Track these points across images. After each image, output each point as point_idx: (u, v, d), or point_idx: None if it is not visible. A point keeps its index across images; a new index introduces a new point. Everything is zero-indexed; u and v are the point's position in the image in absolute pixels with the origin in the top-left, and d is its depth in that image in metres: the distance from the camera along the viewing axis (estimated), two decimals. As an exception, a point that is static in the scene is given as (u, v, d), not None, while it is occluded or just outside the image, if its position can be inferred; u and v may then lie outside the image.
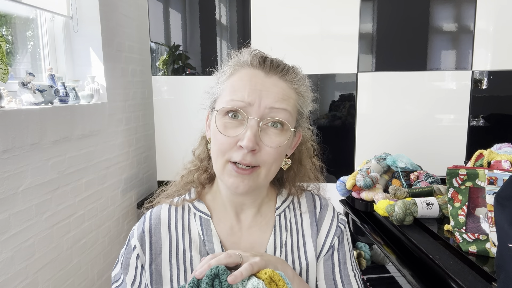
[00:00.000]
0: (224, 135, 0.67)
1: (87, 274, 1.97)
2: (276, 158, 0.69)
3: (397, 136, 2.22)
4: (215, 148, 0.69)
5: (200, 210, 0.77)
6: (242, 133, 0.65)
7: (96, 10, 2.07)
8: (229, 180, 0.68)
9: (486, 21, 2.08)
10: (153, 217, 0.77)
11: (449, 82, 2.15)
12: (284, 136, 0.69)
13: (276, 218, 0.78)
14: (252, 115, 0.66)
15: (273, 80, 0.68)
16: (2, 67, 1.30)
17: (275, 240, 0.76)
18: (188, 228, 0.76)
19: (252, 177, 0.68)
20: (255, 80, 0.68)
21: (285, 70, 0.70)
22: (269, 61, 0.70)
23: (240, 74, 0.70)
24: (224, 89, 0.70)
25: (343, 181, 1.53)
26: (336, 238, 0.78)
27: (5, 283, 1.41)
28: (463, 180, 1.02)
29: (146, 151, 2.69)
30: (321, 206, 0.82)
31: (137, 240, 0.74)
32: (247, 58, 0.71)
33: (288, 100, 0.69)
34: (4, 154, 1.38)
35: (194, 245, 0.74)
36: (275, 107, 0.66)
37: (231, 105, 0.66)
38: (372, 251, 1.94)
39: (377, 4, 2.14)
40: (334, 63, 2.23)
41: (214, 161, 0.71)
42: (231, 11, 2.27)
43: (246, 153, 0.65)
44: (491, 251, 0.95)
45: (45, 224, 1.63)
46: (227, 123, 0.67)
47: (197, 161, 0.81)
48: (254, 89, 0.66)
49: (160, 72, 2.36)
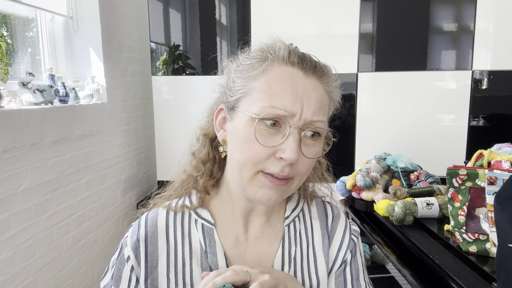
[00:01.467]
0: (261, 144, 0.59)
1: (87, 274, 1.97)
2: (310, 168, 0.64)
3: (397, 136, 2.22)
4: (244, 157, 0.60)
5: (203, 217, 0.69)
6: (283, 143, 0.59)
7: (96, 10, 2.07)
8: (259, 191, 0.61)
9: (486, 21, 2.08)
10: (149, 223, 0.68)
11: (449, 82, 2.15)
12: (320, 145, 0.64)
13: (285, 228, 0.71)
14: (293, 124, 0.59)
15: (312, 82, 0.62)
16: (2, 67, 1.30)
17: (283, 254, 0.69)
18: (188, 237, 0.68)
19: (285, 188, 0.63)
20: (296, 82, 0.60)
21: (322, 71, 0.65)
22: (307, 59, 0.64)
23: (277, 72, 0.61)
24: (256, 88, 0.61)
25: (343, 181, 1.53)
26: (349, 251, 0.71)
27: (5, 283, 1.41)
28: (463, 180, 1.02)
29: (146, 151, 2.69)
30: (333, 216, 0.74)
31: (131, 250, 0.66)
32: (284, 53, 0.63)
33: (324, 108, 0.64)
34: (4, 154, 1.38)
35: (195, 257, 0.66)
36: (315, 119, 0.61)
37: (273, 113, 0.58)
38: (372, 251, 1.94)
39: (377, 4, 2.14)
40: (334, 63, 2.22)
41: (238, 169, 0.62)
42: (231, 11, 2.27)
43: (286, 165, 0.59)
44: (491, 251, 0.95)
45: (45, 224, 1.63)
46: (264, 130, 0.59)
47: (200, 164, 0.72)
48: (296, 95, 0.59)
49: (160, 72, 2.36)
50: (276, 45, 0.65)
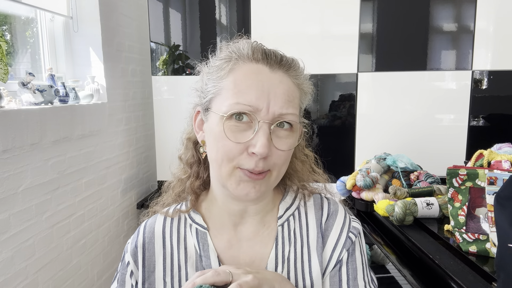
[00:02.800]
0: (232, 141, 0.60)
1: (87, 274, 1.97)
2: (287, 159, 0.65)
3: (397, 136, 2.22)
4: (219, 155, 0.62)
5: (196, 222, 0.71)
6: (253, 139, 0.60)
7: (96, 10, 2.07)
8: (237, 187, 0.62)
9: (486, 21, 2.08)
10: (147, 230, 0.72)
11: (449, 82, 2.15)
12: (294, 137, 0.64)
13: (278, 228, 0.70)
14: (261, 118, 0.60)
15: (278, 76, 0.63)
16: (2, 67, 1.30)
17: (277, 254, 0.68)
18: (184, 241, 0.70)
19: (263, 181, 0.63)
20: (261, 77, 0.62)
21: (288, 64, 0.65)
22: (272, 54, 0.65)
23: (242, 70, 0.63)
24: (224, 87, 0.63)
25: (343, 181, 1.53)
26: (345, 251, 0.69)
27: (5, 283, 1.41)
28: (463, 180, 1.02)
29: (146, 151, 2.69)
30: (328, 214, 0.72)
31: (130, 256, 0.70)
32: (248, 51, 0.64)
33: (294, 101, 0.64)
34: (4, 154, 1.38)
35: (190, 261, 0.68)
36: (284, 112, 0.61)
37: (238, 109, 0.60)
38: (372, 251, 1.94)
39: (377, 4, 2.14)
40: (334, 63, 2.23)
41: (217, 167, 0.64)
42: (231, 11, 2.27)
43: (259, 160, 0.60)
44: (491, 251, 0.95)
45: (45, 224, 1.63)
46: (233, 126, 0.61)
47: (187, 167, 0.74)
48: (262, 90, 0.60)
49: (160, 72, 2.36)
50: (240, 44, 0.67)
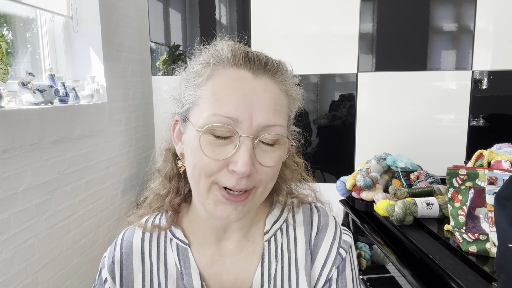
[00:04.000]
0: (210, 157, 0.53)
1: (87, 274, 1.97)
2: (274, 175, 0.59)
3: (397, 136, 2.22)
4: (196, 170, 0.55)
5: (177, 237, 0.66)
6: (235, 155, 0.53)
7: (96, 10, 2.07)
8: (216, 208, 0.56)
9: (486, 21, 2.08)
10: (124, 244, 0.66)
11: (449, 82, 2.15)
12: (281, 150, 0.57)
13: (265, 244, 0.65)
14: (243, 132, 0.53)
15: (262, 83, 0.55)
16: (2, 67, 1.30)
17: (263, 272, 0.63)
18: (164, 258, 0.65)
19: (246, 202, 0.56)
20: (243, 85, 0.54)
21: (274, 68, 0.57)
22: (256, 57, 0.57)
23: (222, 77, 0.55)
24: (201, 96, 0.55)
25: (343, 181, 1.53)
26: (335, 268, 0.64)
27: (5, 283, 1.41)
28: (463, 180, 1.02)
29: (146, 151, 2.69)
30: (318, 228, 0.66)
31: (107, 273, 0.65)
32: (228, 55, 0.57)
33: (281, 110, 0.57)
34: (4, 154, 1.38)
35: (170, 279, 0.64)
36: (269, 124, 0.54)
37: (215, 122, 0.53)
38: (372, 251, 1.94)
39: (377, 4, 2.14)
40: (334, 63, 2.23)
41: (194, 183, 0.57)
42: (231, 11, 2.27)
43: (240, 178, 0.53)
44: (491, 251, 0.95)
45: (45, 224, 1.63)
46: (212, 140, 0.54)
47: (166, 181, 0.67)
48: (243, 99, 0.53)
49: (160, 72, 2.36)
50: (220, 47, 0.59)
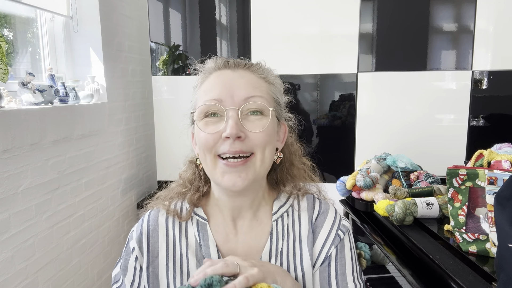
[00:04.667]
0: (207, 132, 0.68)
1: (87, 274, 1.97)
2: (267, 140, 0.69)
3: (397, 136, 2.22)
4: (201, 149, 0.70)
5: (198, 214, 0.77)
6: (224, 126, 0.66)
7: (96, 10, 2.07)
8: (223, 179, 0.68)
9: (486, 21, 2.08)
10: (151, 219, 0.77)
11: (449, 82, 2.15)
12: (266, 120, 0.69)
13: (272, 223, 0.76)
14: (229, 107, 0.67)
15: (239, 73, 0.71)
16: (2, 67, 1.30)
17: (271, 247, 0.74)
18: (185, 231, 0.76)
19: (247, 168, 0.68)
20: (223, 77, 0.71)
21: (249, 64, 0.74)
22: (232, 60, 0.74)
23: (208, 79, 0.73)
24: (197, 99, 0.72)
25: (343, 181, 1.53)
26: (334, 247, 0.75)
27: (5, 283, 1.41)
28: (463, 180, 1.02)
29: (146, 151, 2.69)
30: (319, 212, 0.78)
31: (135, 242, 0.75)
32: (212, 64, 0.74)
33: (260, 88, 0.71)
34: (4, 154, 1.38)
35: (190, 249, 0.74)
36: (249, 96, 0.68)
37: (206, 106, 0.68)
38: (372, 251, 1.94)
39: (377, 4, 2.14)
40: (334, 63, 2.23)
41: (203, 162, 0.71)
42: (231, 11, 2.27)
43: (233, 142, 0.66)
44: (491, 251, 0.95)
45: (45, 224, 1.63)
46: (207, 121, 0.69)
47: (187, 183, 0.81)
48: (224, 85, 0.69)
49: (160, 72, 2.36)
50: (207, 62, 0.77)
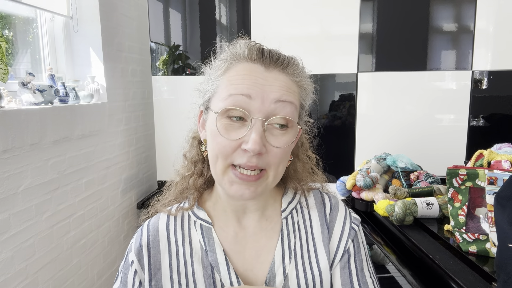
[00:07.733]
0: (225, 138, 0.61)
1: (87, 274, 1.97)
2: (283, 158, 0.64)
3: (397, 136, 2.22)
4: (214, 152, 0.63)
5: (201, 218, 0.72)
6: (246, 135, 0.60)
7: (96, 10, 2.07)
8: (231, 188, 0.63)
9: (486, 21, 2.08)
10: (150, 229, 0.72)
11: (449, 82, 2.15)
12: (291, 134, 0.64)
13: (282, 221, 0.72)
14: (255, 114, 0.60)
15: (274, 74, 0.63)
16: (2, 67, 1.30)
17: (283, 246, 0.70)
18: (189, 238, 0.71)
19: (259, 183, 0.63)
20: (255, 74, 0.62)
21: (286, 62, 0.65)
22: (268, 53, 0.65)
23: (237, 68, 0.64)
24: (220, 85, 0.64)
25: (343, 181, 1.53)
26: (351, 241, 0.71)
27: (5, 283, 1.41)
28: (463, 180, 1.02)
29: (146, 151, 2.69)
30: (331, 206, 0.75)
31: (134, 255, 0.70)
32: (244, 51, 0.65)
33: (293, 94, 0.64)
34: (4, 154, 1.38)
35: (196, 256, 0.69)
36: (281, 100, 0.61)
37: (231, 102, 0.61)
38: (372, 251, 1.94)
39: (377, 4, 2.14)
40: (334, 63, 2.23)
41: (212, 164, 0.65)
42: (231, 11, 2.27)
43: (252, 156, 0.60)
44: (491, 251, 0.95)
45: (45, 224, 1.63)
46: (228, 124, 0.61)
47: (191, 165, 0.75)
48: (255, 83, 0.61)
49: (160, 72, 2.36)
50: (237, 44, 0.68)
